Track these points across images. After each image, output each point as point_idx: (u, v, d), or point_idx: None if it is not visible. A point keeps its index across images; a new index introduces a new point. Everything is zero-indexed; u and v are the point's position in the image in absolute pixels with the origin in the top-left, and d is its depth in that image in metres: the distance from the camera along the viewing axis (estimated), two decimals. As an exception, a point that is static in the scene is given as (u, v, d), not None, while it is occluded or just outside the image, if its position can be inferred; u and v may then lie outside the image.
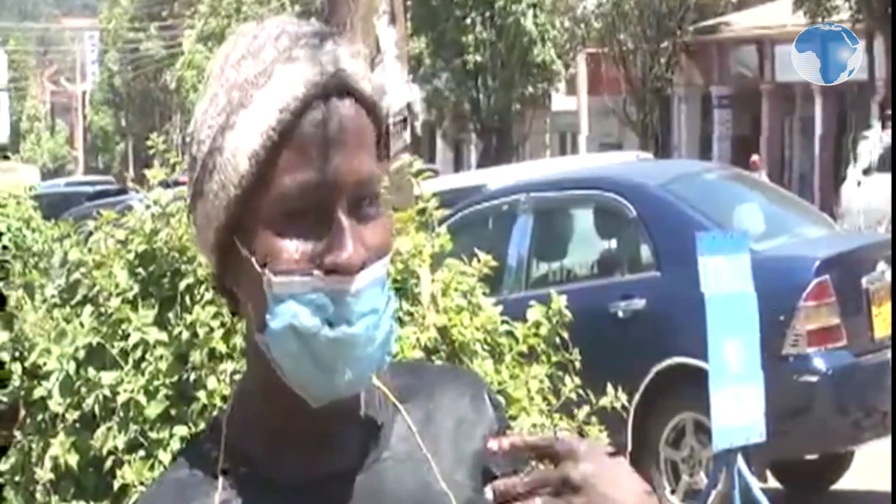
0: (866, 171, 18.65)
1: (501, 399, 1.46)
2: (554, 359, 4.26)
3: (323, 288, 1.29)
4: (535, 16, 36.27)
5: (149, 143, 4.53)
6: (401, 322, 3.76)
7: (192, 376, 3.76)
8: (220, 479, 1.38)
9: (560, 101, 39.37)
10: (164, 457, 3.69)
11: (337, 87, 1.32)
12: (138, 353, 3.82)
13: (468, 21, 36.19)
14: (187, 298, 3.88)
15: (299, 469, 1.39)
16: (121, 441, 3.73)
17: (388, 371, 1.43)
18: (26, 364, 3.97)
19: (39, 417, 3.90)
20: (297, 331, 1.29)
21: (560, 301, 4.27)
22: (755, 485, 6.70)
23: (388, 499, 1.39)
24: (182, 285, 3.88)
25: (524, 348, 4.19)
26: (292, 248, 1.30)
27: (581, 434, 4.29)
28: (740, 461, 6.57)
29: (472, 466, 1.44)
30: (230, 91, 1.32)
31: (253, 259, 1.31)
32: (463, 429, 1.46)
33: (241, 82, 1.32)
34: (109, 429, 3.75)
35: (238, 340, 3.75)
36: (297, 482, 1.38)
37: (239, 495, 1.37)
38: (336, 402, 1.35)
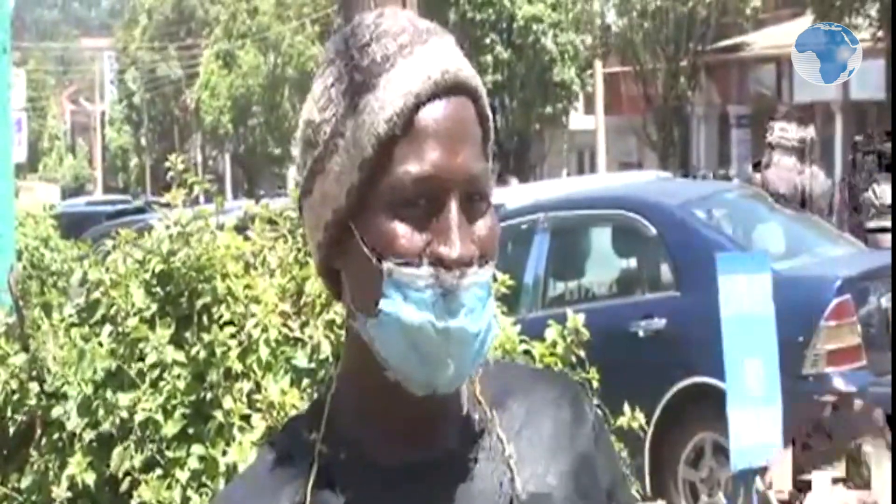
0: None
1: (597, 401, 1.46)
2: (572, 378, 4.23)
3: (435, 283, 1.31)
4: (555, 35, 36.26)
5: (167, 164, 4.50)
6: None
7: (209, 395, 3.75)
8: (316, 462, 1.39)
9: (578, 119, 39.32)
10: (181, 475, 3.68)
11: (455, 84, 1.35)
12: (156, 372, 3.82)
13: (486, 41, 36.20)
14: (204, 318, 3.87)
15: (397, 453, 1.40)
16: (138, 460, 3.72)
17: (485, 370, 1.45)
18: (45, 386, 3.96)
19: (56, 436, 3.90)
20: (405, 322, 1.31)
21: (577, 320, 4.25)
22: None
23: (475, 495, 1.40)
24: (199, 304, 3.87)
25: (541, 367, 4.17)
26: (405, 237, 1.32)
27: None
28: (758, 482, 6.53)
29: (571, 469, 1.45)
30: (353, 73, 1.35)
31: (366, 248, 1.33)
32: (562, 431, 1.47)
33: (366, 66, 1.34)
34: (126, 448, 3.74)
35: (252, 359, 3.75)
36: (393, 465, 1.39)
37: (336, 477, 1.39)
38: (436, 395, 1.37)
